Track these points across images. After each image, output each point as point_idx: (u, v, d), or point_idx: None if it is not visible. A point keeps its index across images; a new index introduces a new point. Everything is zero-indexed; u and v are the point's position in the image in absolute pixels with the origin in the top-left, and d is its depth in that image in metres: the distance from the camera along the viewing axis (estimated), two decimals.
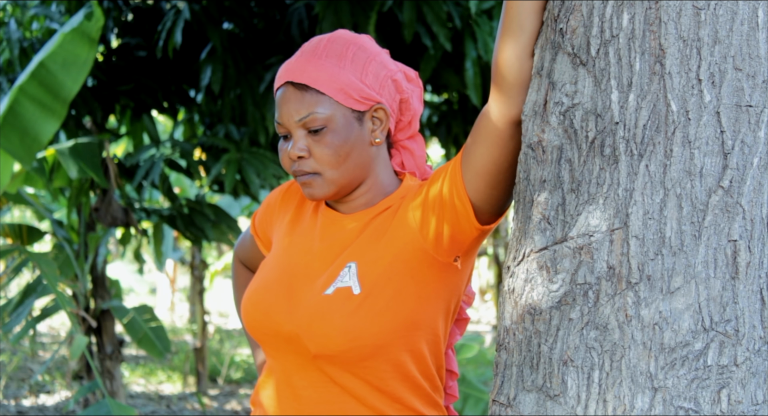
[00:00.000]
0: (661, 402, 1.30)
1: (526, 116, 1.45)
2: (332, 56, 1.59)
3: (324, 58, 1.58)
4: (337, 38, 1.62)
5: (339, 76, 1.57)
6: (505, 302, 1.45)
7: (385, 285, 1.53)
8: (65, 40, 3.79)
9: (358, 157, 1.60)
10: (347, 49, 1.60)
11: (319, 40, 1.62)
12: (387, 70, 1.62)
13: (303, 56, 1.60)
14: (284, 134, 1.62)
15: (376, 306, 1.52)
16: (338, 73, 1.57)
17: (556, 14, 1.41)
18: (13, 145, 3.82)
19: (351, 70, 1.58)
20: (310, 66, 1.58)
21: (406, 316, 1.53)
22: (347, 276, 1.55)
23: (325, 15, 4.15)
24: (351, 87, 1.58)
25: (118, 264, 13.60)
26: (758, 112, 1.32)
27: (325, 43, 1.61)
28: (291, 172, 1.62)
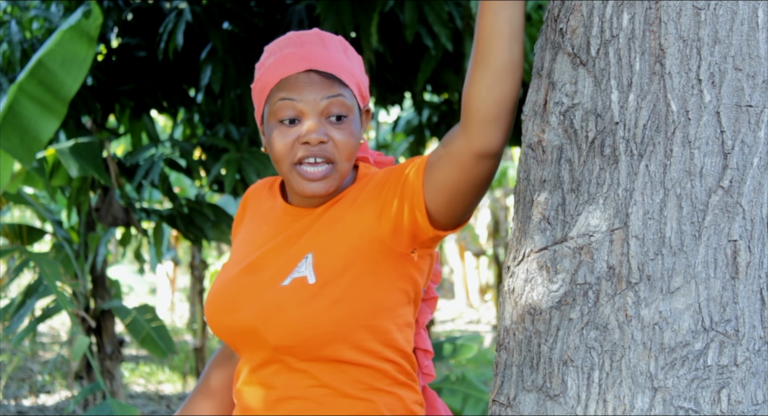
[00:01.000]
0: (661, 402, 1.30)
1: (526, 116, 1.45)
2: (340, 51, 1.58)
3: (335, 52, 1.57)
4: (325, 34, 1.61)
5: (353, 71, 1.58)
6: (505, 302, 1.45)
7: (341, 274, 1.51)
8: (64, 39, 3.79)
9: (354, 146, 1.58)
10: (345, 46, 1.60)
11: (314, 34, 1.59)
12: (363, 74, 1.64)
13: (314, 46, 1.57)
14: (294, 117, 1.55)
15: (332, 295, 1.50)
16: (351, 68, 1.58)
17: (556, 14, 1.41)
18: (13, 145, 3.82)
19: (356, 64, 1.59)
20: (331, 58, 1.56)
21: (363, 304, 1.52)
22: (303, 266, 1.54)
23: (326, 16, 4.15)
24: (361, 83, 1.59)
25: (118, 264, 13.61)
26: (758, 112, 1.32)
27: (323, 37, 1.59)
28: (294, 159, 1.55)
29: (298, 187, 1.55)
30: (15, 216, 10.24)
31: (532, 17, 4.46)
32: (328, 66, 1.55)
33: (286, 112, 1.54)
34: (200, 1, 4.67)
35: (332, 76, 1.54)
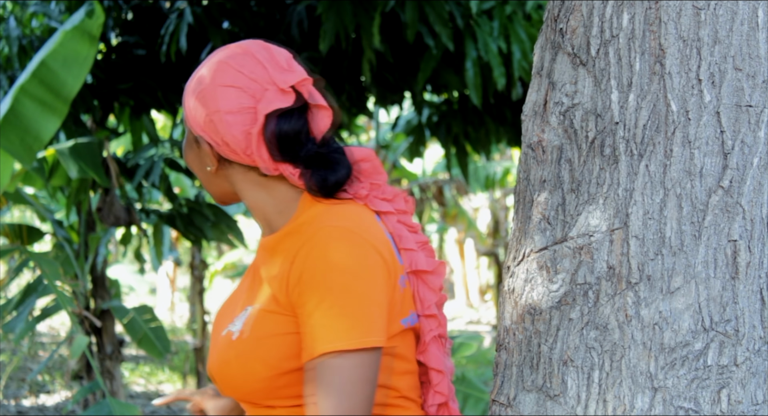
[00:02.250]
0: (661, 402, 1.30)
1: (526, 116, 1.45)
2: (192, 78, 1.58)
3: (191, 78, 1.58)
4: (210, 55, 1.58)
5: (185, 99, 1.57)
6: (505, 302, 1.45)
7: (260, 330, 1.49)
8: (66, 38, 3.79)
9: (203, 175, 1.60)
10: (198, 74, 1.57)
11: (217, 52, 1.60)
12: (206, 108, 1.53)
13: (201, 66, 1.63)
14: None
15: (248, 351, 1.49)
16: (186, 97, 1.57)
17: (556, 14, 1.41)
18: (13, 145, 3.82)
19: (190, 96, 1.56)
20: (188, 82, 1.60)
21: (281, 358, 1.48)
22: (239, 319, 1.54)
23: (328, 16, 4.16)
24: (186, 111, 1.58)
25: (118, 264, 13.61)
26: (758, 112, 1.32)
27: (211, 56, 1.59)
28: None
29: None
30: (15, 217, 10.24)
31: (532, 17, 4.47)
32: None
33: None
34: (200, 2, 4.67)
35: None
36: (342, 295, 1.40)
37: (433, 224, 15.11)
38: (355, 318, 1.40)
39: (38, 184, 5.28)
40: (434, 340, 1.55)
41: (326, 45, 4.18)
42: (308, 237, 1.46)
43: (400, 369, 1.52)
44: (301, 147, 1.51)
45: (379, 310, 1.42)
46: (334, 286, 1.41)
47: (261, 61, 1.51)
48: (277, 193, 1.56)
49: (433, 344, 1.56)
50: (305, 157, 1.51)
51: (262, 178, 1.55)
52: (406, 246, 1.52)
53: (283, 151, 1.49)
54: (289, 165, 1.51)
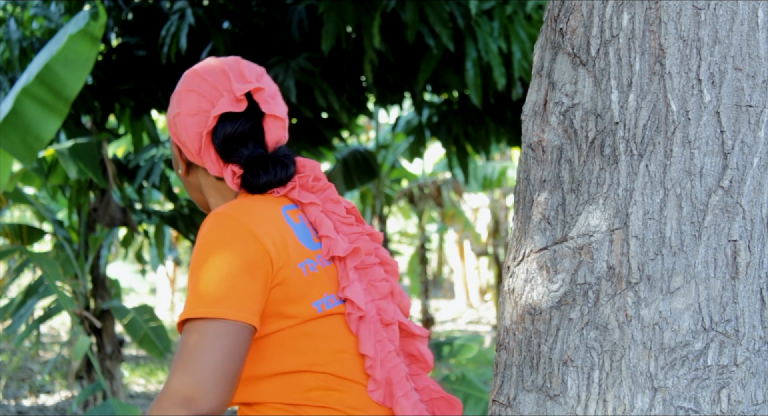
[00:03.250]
0: (661, 402, 1.30)
1: (526, 116, 1.45)
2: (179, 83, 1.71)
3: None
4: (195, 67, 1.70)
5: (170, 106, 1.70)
6: (505, 302, 1.45)
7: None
8: (69, 39, 3.79)
9: (181, 179, 1.73)
10: (179, 83, 1.69)
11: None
12: (173, 110, 1.67)
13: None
14: None
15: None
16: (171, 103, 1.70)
17: (556, 14, 1.41)
18: (14, 145, 3.82)
19: (174, 99, 1.68)
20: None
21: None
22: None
23: (328, 16, 4.16)
24: (167, 117, 1.70)
25: (119, 264, 13.60)
26: (758, 112, 1.32)
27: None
28: None
29: None
30: (15, 217, 10.24)
31: (532, 17, 4.47)
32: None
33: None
34: (201, 2, 4.67)
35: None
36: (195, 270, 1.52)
37: (433, 224, 15.12)
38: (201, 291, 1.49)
39: (38, 184, 5.28)
40: (364, 325, 1.60)
41: (328, 45, 4.18)
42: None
43: (326, 350, 1.56)
44: (244, 149, 1.64)
45: (231, 285, 1.50)
46: (194, 263, 1.53)
47: (226, 72, 1.65)
48: (228, 198, 1.69)
49: (363, 329, 1.60)
50: (247, 157, 1.64)
51: (218, 182, 1.69)
52: (323, 234, 1.61)
53: (227, 151, 1.63)
54: (233, 165, 1.64)
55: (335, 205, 1.68)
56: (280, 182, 1.63)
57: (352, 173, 6.28)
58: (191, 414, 1.41)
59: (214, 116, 1.60)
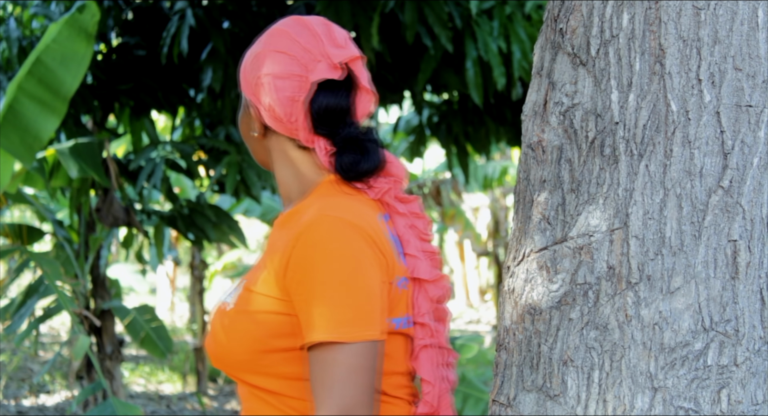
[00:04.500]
0: (661, 402, 1.30)
1: (526, 116, 1.45)
2: (253, 43, 1.63)
3: (253, 44, 1.63)
4: (284, 21, 1.61)
5: (242, 63, 1.62)
6: (505, 302, 1.45)
7: (252, 305, 1.50)
8: (61, 36, 3.79)
9: (248, 140, 1.65)
10: (257, 39, 1.61)
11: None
12: (257, 69, 1.56)
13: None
14: None
15: (239, 323, 1.50)
16: (243, 60, 1.62)
17: (556, 14, 1.41)
18: (13, 144, 3.82)
19: (245, 59, 1.61)
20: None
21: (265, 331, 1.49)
22: (234, 290, 1.56)
23: (326, 16, 4.15)
24: (240, 74, 1.62)
25: (118, 264, 13.60)
26: (758, 112, 1.32)
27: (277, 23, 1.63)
28: None
29: None
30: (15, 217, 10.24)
31: (532, 17, 4.46)
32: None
33: None
34: (201, 2, 4.67)
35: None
36: (342, 286, 1.41)
37: (434, 224, 15.11)
38: (353, 309, 1.41)
39: (38, 184, 5.28)
40: (426, 349, 1.55)
41: None
42: (308, 224, 1.46)
43: (385, 369, 1.51)
44: (342, 125, 1.53)
45: (377, 303, 1.43)
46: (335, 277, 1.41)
47: (318, 34, 1.55)
48: (303, 170, 1.59)
49: (424, 353, 1.55)
50: (343, 136, 1.53)
51: (296, 151, 1.58)
52: (409, 252, 1.52)
53: (324, 124, 1.52)
54: (324, 140, 1.53)
55: (418, 220, 1.59)
56: (376, 171, 1.53)
57: None
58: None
59: (314, 82, 1.51)
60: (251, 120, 1.60)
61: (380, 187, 1.55)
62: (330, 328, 1.40)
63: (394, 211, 1.55)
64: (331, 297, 1.41)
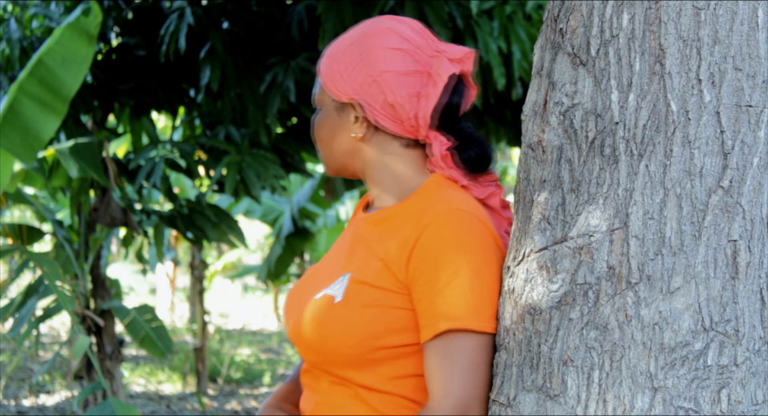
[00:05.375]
0: (661, 402, 1.30)
1: (526, 116, 1.45)
2: (342, 43, 1.60)
3: (337, 44, 1.61)
4: (361, 24, 1.61)
5: (332, 65, 1.59)
6: (505, 302, 1.45)
7: (365, 298, 1.50)
8: (63, 37, 3.79)
9: (339, 145, 1.60)
10: (352, 38, 1.59)
11: (360, 24, 1.63)
12: (372, 67, 1.54)
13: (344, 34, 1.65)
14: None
15: (351, 316, 1.49)
16: (333, 62, 1.59)
17: (556, 14, 1.41)
18: (13, 144, 3.82)
19: (343, 60, 1.58)
20: (331, 46, 1.63)
21: (378, 327, 1.49)
22: (338, 284, 1.53)
23: (327, 16, 4.16)
24: (334, 76, 1.58)
25: (119, 264, 13.60)
26: (758, 112, 1.32)
27: (362, 24, 1.62)
28: None
29: None
30: (15, 217, 10.24)
31: (532, 17, 4.47)
32: (321, 60, 1.63)
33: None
34: (200, 2, 4.67)
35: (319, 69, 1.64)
36: (472, 277, 1.43)
37: None
38: (483, 300, 1.43)
39: (38, 183, 5.28)
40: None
41: (326, 45, 4.18)
42: (436, 216, 1.48)
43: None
44: (459, 121, 1.57)
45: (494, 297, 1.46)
46: (467, 267, 1.44)
47: (422, 32, 1.58)
48: (406, 170, 1.59)
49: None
50: (466, 131, 1.57)
51: (401, 150, 1.58)
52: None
53: (447, 120, 1.55)
54: (442, 135, 1.55)
55: (509, 227, 1.60)
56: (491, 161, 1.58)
57: None
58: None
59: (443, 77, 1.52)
60: (342, 122, 1.59)
61: (485, 188, 1.59)
62: (460, 316, 1.42)
63: (496, 214, 1.59)
64: (461, 285, 1.43)
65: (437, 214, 1.48)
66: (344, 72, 1.57)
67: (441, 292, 1.44)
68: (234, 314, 14.81)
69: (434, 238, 1.46)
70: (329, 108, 1.60)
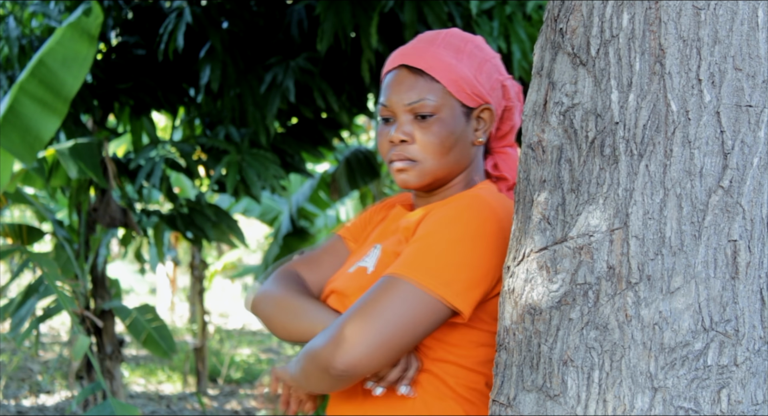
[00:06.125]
0: (661, 402, 1.30)
1: (526, 116, 1.45)
2: (450, 48, 1.59)
3: (442, 48, 1.59)
4: (455, 33, 1.63)
5: (455, 68, 1.58)
6: (505, 302, 1.45)
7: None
8: (64, 37, 3.79)
9: (459, 153, 1.61)
10: (465, 44, 1.61)
11: (437, 33, 1.63)
12: (499, 74, 1.64)
13: (420, 43, 1.62)
14: (387, 117, 1.61)
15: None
16: (455, 65, 1.58)
17: (556, 14, 1.41)
18: (14, 144, 3.82)
19: (467, 64, 1.59)
20: (428, 53, 1.59)
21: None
22: (369, 256, 1.61)
23: (326, 16, 4.15)
24: (465, 81, 1.58)
25: (118, 264, 13.60)
26: (758, 112, 1.32)
27: (443, 35, 1.62)
28: (387, 158, 1.61)
29: (395, 180, 1.64)
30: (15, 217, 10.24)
31: (532, 17, 4.46)
32: (420, 60, 1.58)
33: (383, 113, 1.62)
34: (200, 1, 4.67)
35: (421, 71, 1.58)
36: (451, 246, 1.47)
37: None
38: (448, 268, 1.46)
39: (38, 183, 5.27)
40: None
41: (325, 45, 4.18)
42: (458, 196, 1.56)
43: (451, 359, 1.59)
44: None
45: (472, 278, 1.48)
46: (448, 235, 1.48)
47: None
48: (480, 176, 1.68)
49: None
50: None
51: (481, 157, 1.68)
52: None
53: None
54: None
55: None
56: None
57: (355, 173, 6.27)
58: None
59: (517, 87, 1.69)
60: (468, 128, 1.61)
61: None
62: (418, 269, 1.46)
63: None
64: (433, 246, 1.47)
65: (460, 195, 1.55)
66: (480, 77, 1.60)
67: (412, 244, 1.49)
68: (234, 314, 14.81)
69: (443, 209, 1.52)
70: (454, 114, 1.59)
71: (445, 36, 1.62)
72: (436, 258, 1.46)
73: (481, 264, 1.48)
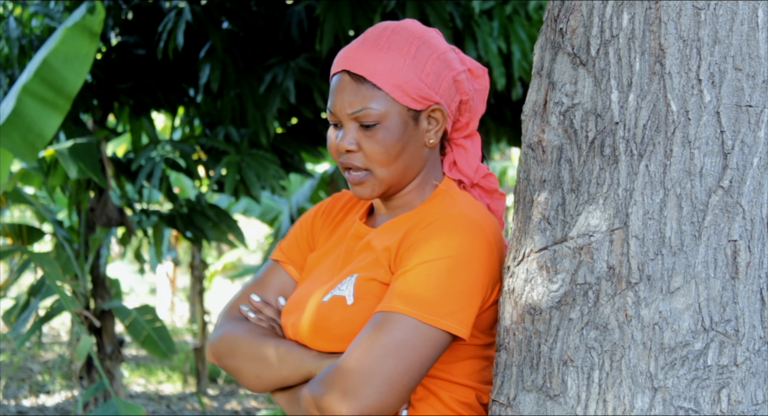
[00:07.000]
0: (661, 402, 1.30)
1: (526, 116, 1.45)
2: (394, 49, 1.53)
3: (385, 51, 1.52)
4: (401, 30, 1.55)
5: (398, 72, 1.52)
6: (505, 302, 1.45)
7: (379, 292, 1.50)
8: (67, 35, 3.79)
9: (409, 157, 1.56)
10: (411, 44, 1.54)
11: (383, 29, 1.56)
12: (449, 69, 1.55)
13: (364, 44, 1.55)
14: (335, 122, 1.56)
15: (366, 316, 1.49)
16: (398, 69, 1.52)
17: (556, 14, 1.41)
18: (15, 143, 3.82)
19: (412, 66, 1.52)
20: (370, 57, 1.52)
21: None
22: (345, 284, 1.53)
23: (326, 17, 4.15)
24: (409, 85, 1.52)
25: (118, 264, 13.59)
26: (758, 112, 1.32)
27: (389, 33, 1.55)
28: (338, 162, 1.57)
29: (351, 190, 1.60)
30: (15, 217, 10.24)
31: (532, 17, 4.47)
32: (362, 66, 1.53)
33: (330, 118, 1.58)
34: (200, 1, 4.67)
35: (362, 78, 1.52)
36: (444, 273, 1.44)
37: None
38: (444, 297, 1.43)
39: (36, 182, 5.27)
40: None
41: (325, 46, 4.18)
42: (442, 216, 1.50)
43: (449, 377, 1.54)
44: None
45: (470, 302, 1.46)
46: (440, 261, 1.44)
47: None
48: (434, 175, 1.62)
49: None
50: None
51: (437, 155, 1.63)
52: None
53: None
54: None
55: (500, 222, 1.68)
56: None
57: None
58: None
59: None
60: (417, 132, 1.56)
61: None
62: (415, 303, 1.42)
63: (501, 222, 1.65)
64: (426, 275, 1.44)
65: (445, 215, 1.50)
66: (426, 78, 1.54)
67: (407, 276, 1.45)
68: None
69: (426, 231, 1.48)
70: (400, 120, 1.53)
71: (390, 34, 1.54)
72: (435, 290, 1.43)
73: (476, 286, 1.46)
